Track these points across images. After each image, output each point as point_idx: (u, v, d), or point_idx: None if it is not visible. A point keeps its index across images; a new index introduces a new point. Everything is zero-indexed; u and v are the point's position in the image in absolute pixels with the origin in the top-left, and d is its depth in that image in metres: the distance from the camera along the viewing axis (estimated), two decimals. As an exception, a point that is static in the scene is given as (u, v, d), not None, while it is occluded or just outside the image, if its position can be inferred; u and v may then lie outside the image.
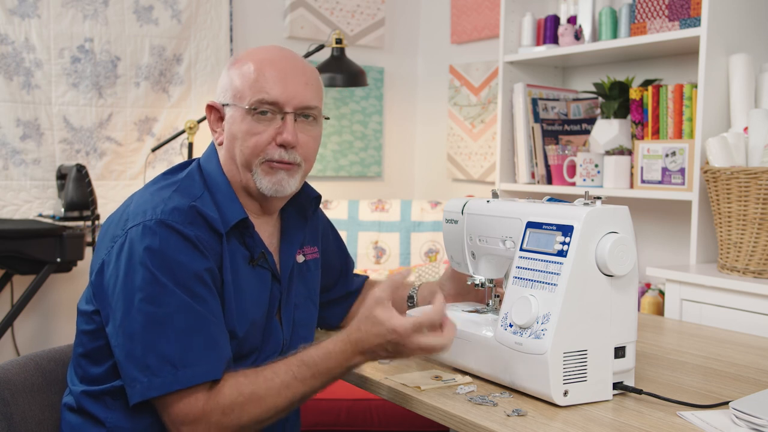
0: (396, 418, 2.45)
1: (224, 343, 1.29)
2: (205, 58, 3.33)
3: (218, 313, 1.30)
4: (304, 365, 1.27)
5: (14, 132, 2.96)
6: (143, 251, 1.25)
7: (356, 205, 3.36)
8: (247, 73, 1.38)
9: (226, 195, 1.39)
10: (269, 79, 1.37)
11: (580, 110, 3.01)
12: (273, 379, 1.26)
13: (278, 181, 1.40)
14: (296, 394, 1.27)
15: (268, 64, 1.39)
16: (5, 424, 1.34)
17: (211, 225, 1.32)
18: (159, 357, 1.23)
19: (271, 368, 1.28)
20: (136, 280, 1.25)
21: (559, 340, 1.22)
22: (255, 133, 1.37)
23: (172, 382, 1.22)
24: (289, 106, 1.38)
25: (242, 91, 1.38)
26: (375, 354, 1.27)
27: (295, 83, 1.39)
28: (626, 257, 1.25)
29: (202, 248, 1.29)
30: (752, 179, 2.02)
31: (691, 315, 2.13)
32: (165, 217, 1.28)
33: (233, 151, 1.40)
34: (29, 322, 3.08)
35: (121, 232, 1.30)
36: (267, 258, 1.42)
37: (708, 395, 1.31)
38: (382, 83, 3.85)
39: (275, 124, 1.38)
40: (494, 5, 3.44)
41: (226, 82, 1.42)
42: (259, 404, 1.25)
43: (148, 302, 1.24)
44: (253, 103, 1.37)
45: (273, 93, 1.37)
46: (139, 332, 1.24)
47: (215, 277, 1.31)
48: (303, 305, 1.52)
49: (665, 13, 2.50)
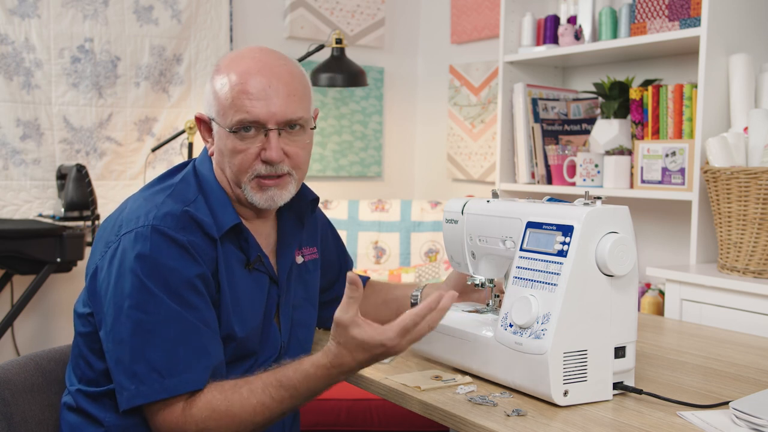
0: (396, 418, 2.45)
1: (214, 351, 1.28)
2: (205, 58, 3.33)
3: (210, 320, 1.29)
4: (282, 388, 1.24)
5: (14, 132, 2.96)
6: (134, 258, 1.25)
7: (356, 205, 3.36)
8: (226, 90, 1.34)
9: (219, 200, 1.39)
10: (250, 96, 1.33)
11: (580, 110, 3.01)
12: (249, 399, 1.24)
13: (270, 197, 1.38)
14: (274, 412, 1.25)
15: (248, 77, 1.33)
16: (5, 424, 1.34)
17: (205, 230, 1.32)
18: (146, 365, 1.23)
19: (248, 386, 1.25)
20: (125, 287, 1.25)
21: (559, 340, 1.22)
22: (239, 151, 1.35)
23: (159, 390, 1.23)
24: (272, 123, 1.34)
25: (223, 109, 1.35)
26: (361, 368, 1.24)
27: (278, 97, 1.34)
28: (626, 257, 1.25)
29: (195, 254, 1.29)
30: (752, 179, 2.02)
31: (691, 315, 2.13)
32: (157, 223, 1.28)
33: (222, 165, 1.39)
34: (29, 322, 3.08)
35: (114, 237, 1.31)
36: (263, 261, 1.42)
37: (708, 395, 1.31)
38: (382, 83, 3.85)
39: (259, 140, 1.35)
40: (494, 5, 3.44)
41: (209, 95, 1.38)
42: (233, 421, 1.24)
43: (137, 309, 1.24)
44: (233, 125, 1.34)
45: (254, 112, 1.32)
46: (127, 339, 1.24)
47: (208, 283, 1.31)
48: (302, 306, 1.52)
49: (665, 13, 2.50)
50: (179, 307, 1.25)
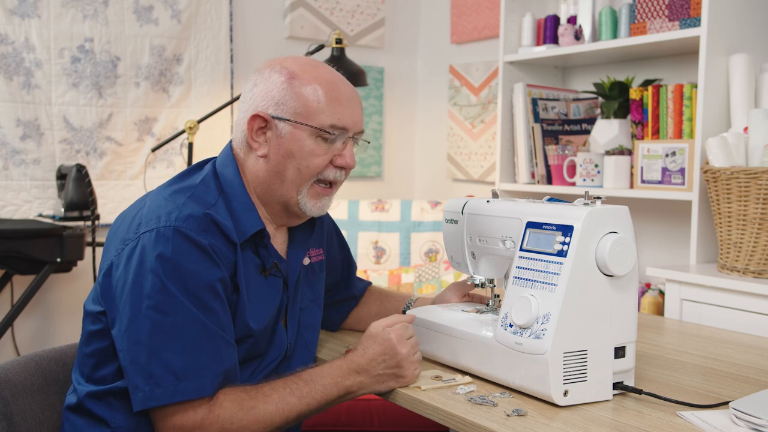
0: (396, 418, 2.45)
1: (227, 357, 1.29)
2: (205, 58, 3.33)
3: (227, 324, 1.30)
4: (300, 381, 1.31)
5: (14, 132, 2.96)
6: (155, 258, 1.24)
7: (356, 205, 3.36)
8: (315, 93, 1.38)
9: (243, 204, 1.38)
10: (342, 104, 1.40)
11: (580, 110, 3.01)
12: (271, 395, 1.28)
13: (323, 205, 1.45)
14: (292, 410, 1.29)
15: (334, 87, 1.40)
16: (5, 424, 1.34)
17: (226, 234, 1.32)
18: (163, 366, 1.23)
19: (269, 384, 1.31)
20: (145, 286, 1.24)
21: (559, 340, 1.22)
22: (318, 154, 1.39)
23: (174, 392, 1.23)
24: (353, 131, 1.42)
25: (311, 110, 1.37)
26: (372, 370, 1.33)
27: (359, 108, 1.44)
28: (626, 257, 1.25)
29: (216, 257, 1.28)
30: (752, 179, 2.02)
31: (691, 315, 2.13)
32: (179, 224, 1.27)
33: (283, 167, 1.39)
34: (29, 322, 3.08)
35: (133, 235, 1.29)
36: (279, 267, 1.43)
37: (708, 395, 1.31)
38: (382, 83, 3.85)
39: (335, 147, 1.41)
40: (494, 5, 3.44)
41: (281, 95, 1.38)
42: (256, 419, 1.26)
43: (156, 310, 1.23)
44: (326, 127, 1.38)
45: (344, 119, 1.39)
46: (144, 340, 1.24)
47: (227, 287, 1.31)
48: (308, 308, 1.53)
49: (665, 13, 2.50)
50: (198, 311, 1.25)
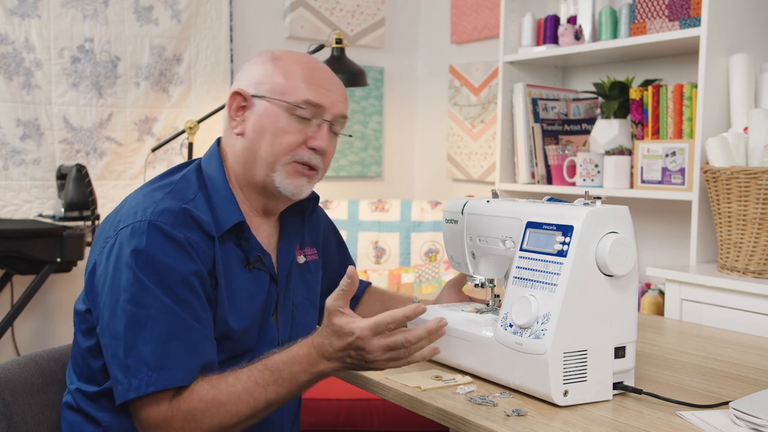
0: (396, 418, 2.45)
1: (205, 349, 1.27)
2: (205, 58, 3.33)
3: (203, 317, 1.29)
4: (267, 370, 1.24)
5: (14, 132, 2.96)
6: (130, 253, 1.25)
7: (356, 205, 3.36)
8: (294, 72, 1.39)
9: (224, 198, 1.39)
10: (318, 84, 1.39)
11: (580, 110, 3.01)
12: (235, 385, 1.24)
13: (299, 185, 1.41)
14: (258, 400, 1.24)
15: (314, 69, 1.41)
16: (5, 424, 1.35)
17: (203, 228, 1.32)
18: (138, 358, 1.22)
19: (234, 374, 1.25)
20: (122, 281, 1.25)
21: (559, 340, 1.22)
22: (290, 131, 1.38)
23: (147, 384, 1.22)
24: (329, 114, 1.41)
25: (288, 87, 1.38)
26: (341, 360, 1.23)
27: (338, 92, 1.43)
28: (626, 257, 1.25)
29: (191, 251, 1.28)
30: (752, 179, 2.02)
31: (691, 315, 2.13)
32: (154, 218, 1.27)
33: (257, 144, 1.39)
34: (29, 322, 3.08)
35: (113, 233, 1.31)
36: (264, 260, 1.42)
37: (708, 395, 1.31)
38: (382, 83, 3.85)
39: (309, 129, 1.40)
40: (494, 5, 3.44)
41: (261, 74, 1.40)
42: (219, 410, 1.22)
43: (132, 303, 1.24)
44: (299, 102, 1.37)
45: (319, 97, 1.38)
46: (122, 333, 1.24)
47: (204, 281, 1.30)
48: (302, 306, 1.52)
49: (665, 13, 2.50)
50: (172, 303, 1.25)
